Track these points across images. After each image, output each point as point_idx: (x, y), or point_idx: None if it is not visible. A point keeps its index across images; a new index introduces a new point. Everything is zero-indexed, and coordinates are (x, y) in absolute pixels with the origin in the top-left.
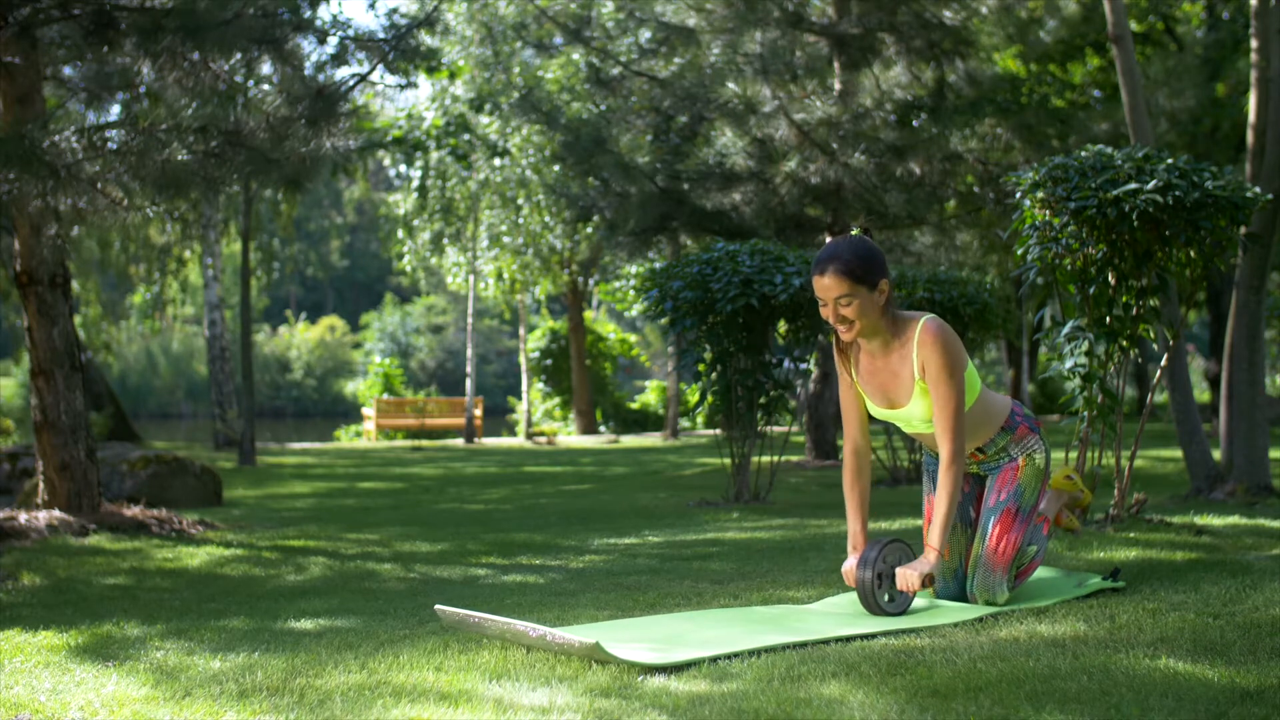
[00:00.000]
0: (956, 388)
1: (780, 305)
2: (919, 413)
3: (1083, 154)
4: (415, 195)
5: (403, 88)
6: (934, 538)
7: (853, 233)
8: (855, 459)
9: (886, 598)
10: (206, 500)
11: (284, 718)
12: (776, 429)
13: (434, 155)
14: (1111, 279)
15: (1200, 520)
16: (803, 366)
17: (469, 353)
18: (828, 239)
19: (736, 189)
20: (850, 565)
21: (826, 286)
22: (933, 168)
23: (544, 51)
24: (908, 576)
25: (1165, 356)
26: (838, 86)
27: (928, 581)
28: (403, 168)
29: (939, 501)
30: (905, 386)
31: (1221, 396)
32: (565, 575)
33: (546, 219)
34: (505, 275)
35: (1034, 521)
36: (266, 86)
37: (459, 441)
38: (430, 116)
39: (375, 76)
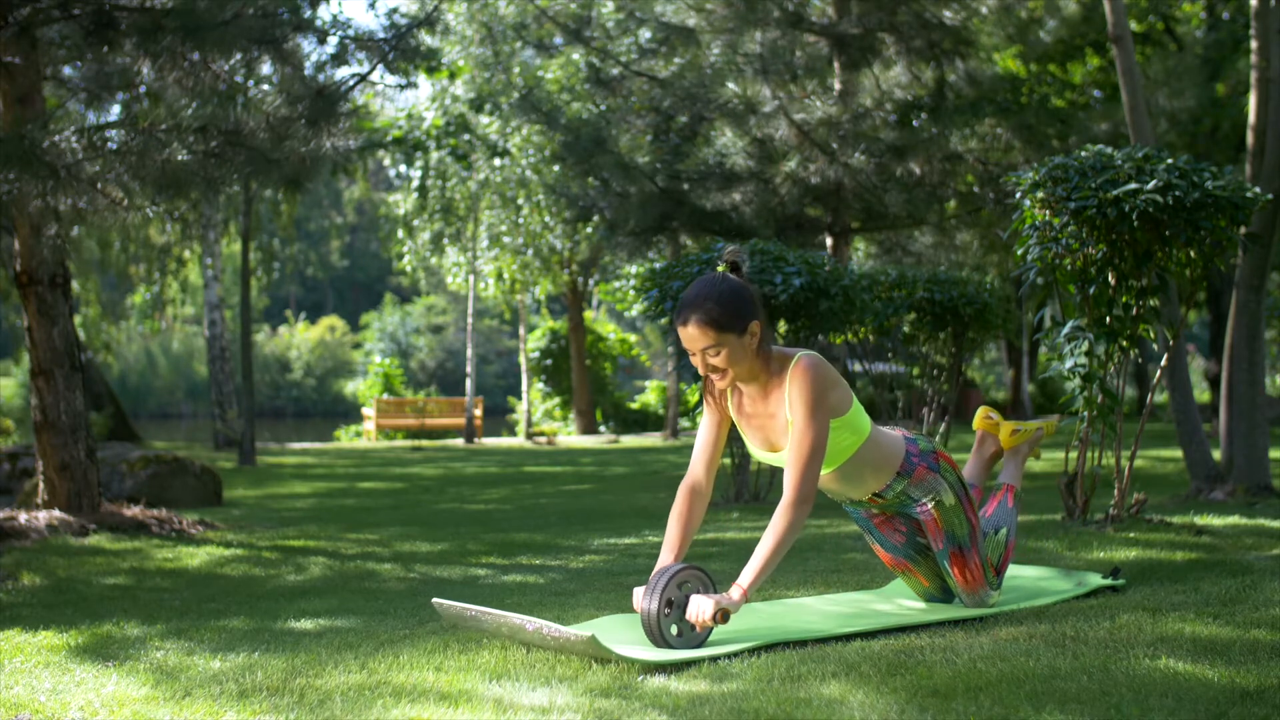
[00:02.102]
0: (815, 430)
1: (780, 305)
2: (788, 450)
3: (1083, 154)
4: (415, 195)
5: (403, 88)
6: (746, 576)
7: (718, 269)
8: (689, 496)
9: (675, 630)
10: (206, 500)
11: (284, 718)
12: None
13: (434, 155)
14: (1111, 279)
15: (1200, 520)
16: None
17: (469, 353)
18: (828, 239)
19: (736, 189)
20: (639, 592)
21: (691, 337)
22: (933, 168)
23: (544, 51)
24: (700, 607)
25: (1165, 356)
26: (838, 86)
27: (720, 617)
28: (403, 168)
29: (764, 542)
30: (781, 428)
31: (1221, 396)
32: (565, 575)
33: (546, 219)
34: (505, 275)
35: (977, 528)
36: (266, 86)
37: (459, 441)
38: (430, 116)
39: (375, 76)
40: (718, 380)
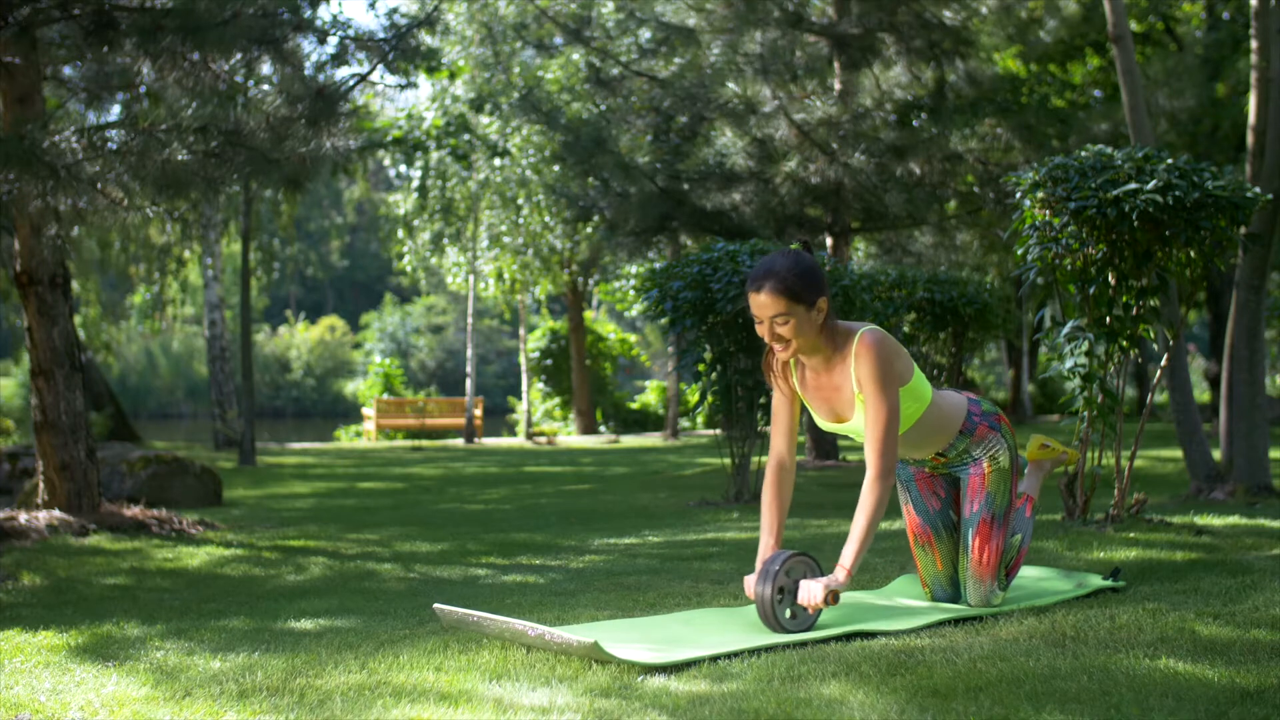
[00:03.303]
0: (888, 403)
1: None
2: (865, 426)
3: (1083, 154)
4: (415, 195)
5: (403, 88)
6: (847, 555)
7: (791, 246)
8: (777, 473)
9: (788, 614)
10: (206, 500)
11: (284, 718)
12: None
13: (434, 155)
14: (1111, 279)
15: (1200, 520)
16: None
17: (469, 353)
18: (828, 239)
19: (736, 189)
20: (751, 579)
21: (762, 304)
22: (933, 168)
23: (544, 51)
24: (811, 590)
25: (1165, 356)
26: (838, 86)
27: (831, 599)
28: (403, 168)
29: (857, 519)
30: (847, 400)
31: (1221, 396)
32: (565, 575)
33: (546, 219)
34: (505, 275)
35: (1014, 506)
36: (266, 86)
37: (459, 441)
38: (430, 116)
39: (375, 76)
40: (780, 351)
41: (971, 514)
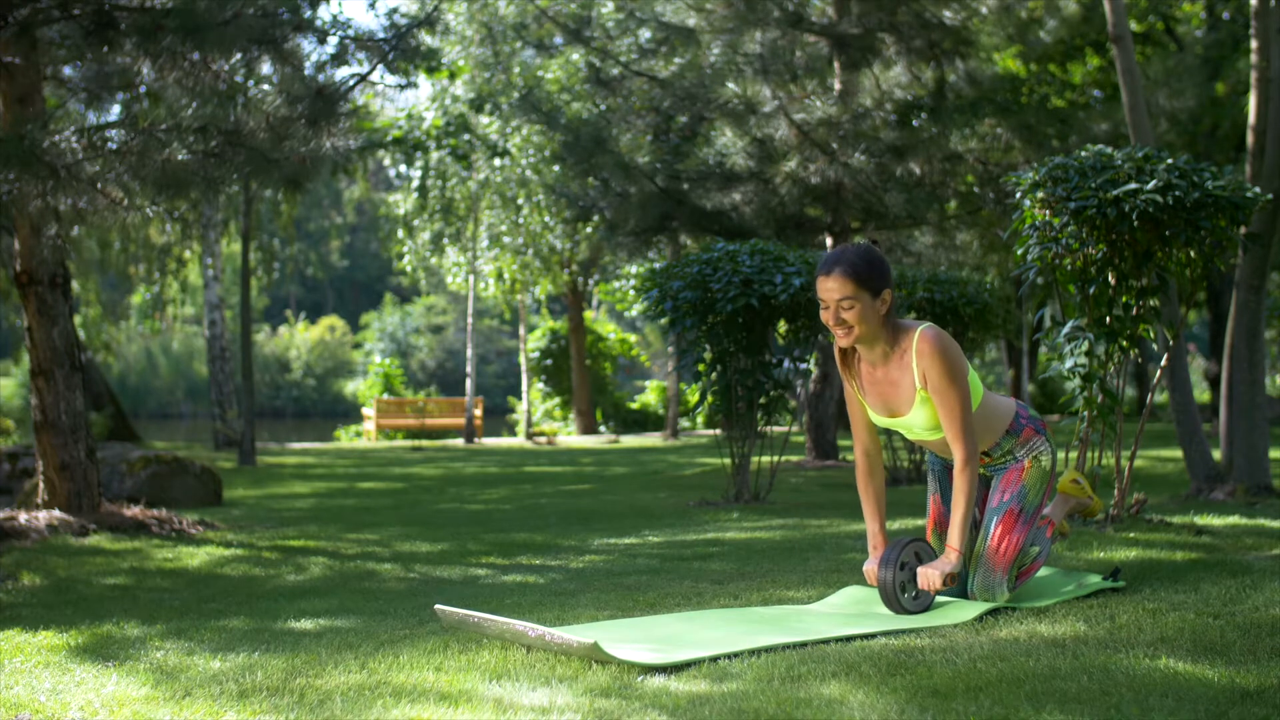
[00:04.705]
0: (961, 393)
1: (780, 305)
2: (920, 421)
3: (1083, 154)
4: (415, 195)
5: (403, 88)
6: (954, 538)
7: (860, 240)
8: (866, 460)
9: (908, 596)
10: (206, 500)
11: (284, 718)
12: (776, 429)
13: (434, 155)
14: (1111, 279)
15: (1200, 520)
16: (803, 366)
17: (469, 353)
18: (828, 239)
19: (736, 189)
20: (871, 565)
21: (830, 288)
22: (933, 168)
23: (544, 51)
24: (929, 575)
25: (1165, 356)
26: (838, 86)
27: (949, 580)
28: (403, 168)
29: (956, 502)
30: (906, 396)
31: (1221, 396)
32: (565, 575)
33: (546, 219)
34: (505, 275)
35: (1038, 524)
36: (266, 86)
37: (459, 441)
38: (430, 116)
39: (375, 76)
40: (841, 337)
41: (1000, 503)
